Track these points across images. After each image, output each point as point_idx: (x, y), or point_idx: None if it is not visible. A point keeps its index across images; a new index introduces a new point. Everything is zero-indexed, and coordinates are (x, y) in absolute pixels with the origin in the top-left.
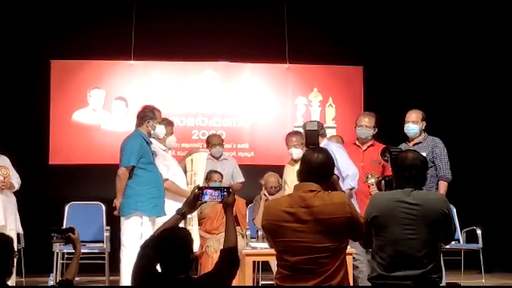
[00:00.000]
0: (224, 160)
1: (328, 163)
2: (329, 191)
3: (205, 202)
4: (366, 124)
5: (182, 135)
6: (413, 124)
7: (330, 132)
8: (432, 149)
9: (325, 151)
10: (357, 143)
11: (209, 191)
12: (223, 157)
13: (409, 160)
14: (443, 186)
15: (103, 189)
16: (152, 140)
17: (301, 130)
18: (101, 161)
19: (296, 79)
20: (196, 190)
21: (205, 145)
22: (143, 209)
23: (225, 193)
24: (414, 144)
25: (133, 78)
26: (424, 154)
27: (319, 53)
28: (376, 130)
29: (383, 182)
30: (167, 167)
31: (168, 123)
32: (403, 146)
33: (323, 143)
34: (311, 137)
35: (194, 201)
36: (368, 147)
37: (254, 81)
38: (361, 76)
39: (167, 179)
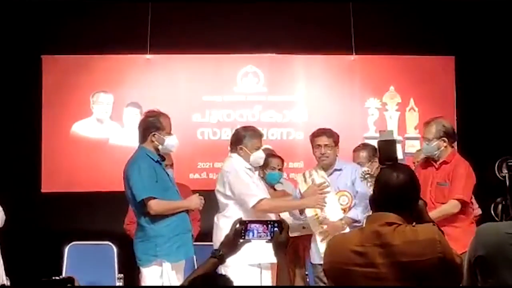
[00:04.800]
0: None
1: (411, 185)
2: (414, 224)
3: (250, 241)
4: (426, 136)
5: (216, 150)
6: None
7: (411, 145)
8: None
9: (407, 170)
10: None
11: (255, 226)
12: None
13: None
14: None
15: (114, 224)
16: (233, 156)
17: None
18: (110, 188)
19: (365, 75)
20: (237, 225)
21: None
22: (164, 254)
23: (275, 229)
24: None
25: (150, 77)
26: None
27: (395, 40)
28: (446, 143)
29: (500, 206)
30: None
31: (252, 134)
32: None
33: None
34: (387, 150)
35: (235, 239)
36: (440, 165)
37: (309, 78)
38: (453, 70)
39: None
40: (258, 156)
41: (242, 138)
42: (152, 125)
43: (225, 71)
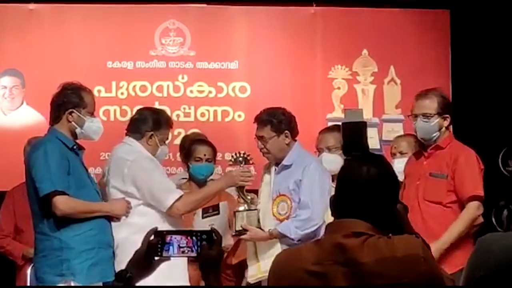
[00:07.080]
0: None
1: (387, 183)
2: (389, 235)
3: (169, 259)
4: (424, 111)
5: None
6: None
7: (390, 129)
8: None
9: (381, 162)
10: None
11: (175, 238)
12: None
13: None
14: None
15: None
16: (131, 142)
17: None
18: None
19: (330, 35)
20: (152, 237)
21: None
22: (72, 273)
23: (203, 242)
24: None
25: (34, 35)
26: None
27: None
28: (447, 122)
29: (505, 212)
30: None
31: (166, 122)
32: None
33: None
34: (354, 135)
35: (149, 256)
36: (433, 150)
37: (252, 38)
38: (448, 27)
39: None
40: (165, 152)
41: (152, 123)
42: (70, 100)
43: (138, 27)
